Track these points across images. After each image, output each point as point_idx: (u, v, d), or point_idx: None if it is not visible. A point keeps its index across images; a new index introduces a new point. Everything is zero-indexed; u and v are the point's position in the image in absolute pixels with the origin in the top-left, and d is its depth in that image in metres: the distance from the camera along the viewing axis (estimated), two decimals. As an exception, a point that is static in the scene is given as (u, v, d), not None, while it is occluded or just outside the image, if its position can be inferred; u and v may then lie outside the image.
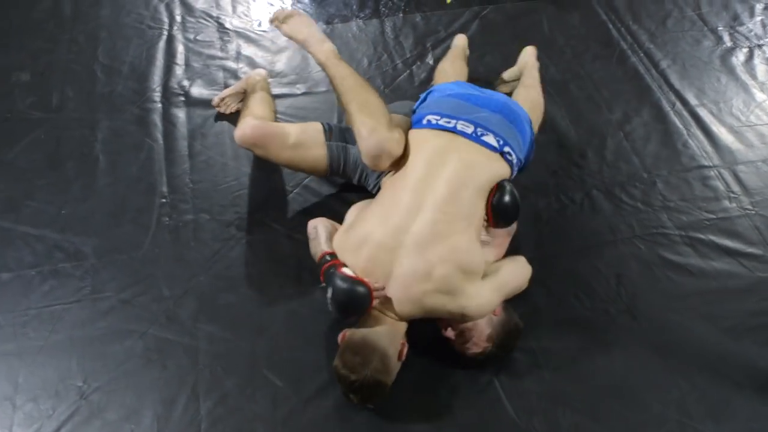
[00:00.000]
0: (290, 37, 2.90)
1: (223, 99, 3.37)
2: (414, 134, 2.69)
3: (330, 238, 2.58)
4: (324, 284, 2.43)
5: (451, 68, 3.36)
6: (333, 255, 2.48)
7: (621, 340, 2.68)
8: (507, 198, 2.56)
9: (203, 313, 2.72)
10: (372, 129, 2.58)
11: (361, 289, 2.34)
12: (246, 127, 2.81)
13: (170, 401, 2.49)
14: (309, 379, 2.55)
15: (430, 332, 2.57)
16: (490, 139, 2.62)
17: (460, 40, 3.61)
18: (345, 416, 2.46)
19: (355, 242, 2.48)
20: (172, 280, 2.81)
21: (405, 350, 2.44)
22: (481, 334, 2.46)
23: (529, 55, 3.47)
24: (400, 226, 2.43)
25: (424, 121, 2.68)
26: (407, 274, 2.39)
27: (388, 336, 2.39)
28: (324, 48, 2.82)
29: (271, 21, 2.93)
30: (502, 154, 2.63)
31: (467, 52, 3.59)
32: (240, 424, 2.45)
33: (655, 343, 2.67)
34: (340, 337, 2.47)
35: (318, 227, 2.63)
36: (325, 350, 2.61)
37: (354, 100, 2.68)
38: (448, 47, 3.67)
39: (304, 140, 2.82)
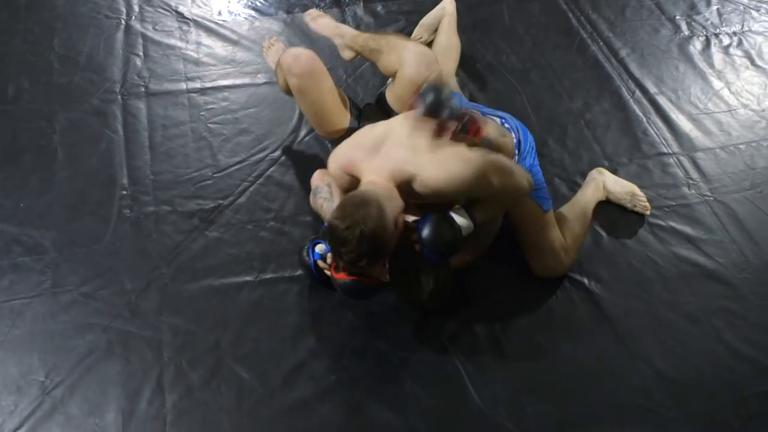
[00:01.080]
0: (319, 33, 3.28)
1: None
2: None
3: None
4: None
5: (449, 44, 3.45)
6: None
7: (584, 328, 2.70)
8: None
9: (166, 306, 2.69)
10: (414, 44, 2.78)
11: None
12: (302, 54, 2.85)
13: (135, 395, 2.46)
14: (274, 371, 2.54)
15: (393, 318, 2.57)
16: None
17: (451, 6, 3.56)
18: (311, 407, 2.46)
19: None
20: (134, 272, 2.78)
21: (402, 220, 2.40)
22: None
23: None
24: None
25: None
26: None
27: (386, 195, 2.36)
28: (346, 36, 3.09)
29: (305, 17, 3.32)
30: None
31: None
32: (205, 416, 2.43)
33: (618, 330, 2.70)
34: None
35: (332, 186, 2.56)
36: (291, 341, 2.61)
37: (387, 46, 2.81)
38: (410, 35, 3.68)
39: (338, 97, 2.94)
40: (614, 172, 3.15)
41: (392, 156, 2.44)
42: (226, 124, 3.30)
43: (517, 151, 2.76)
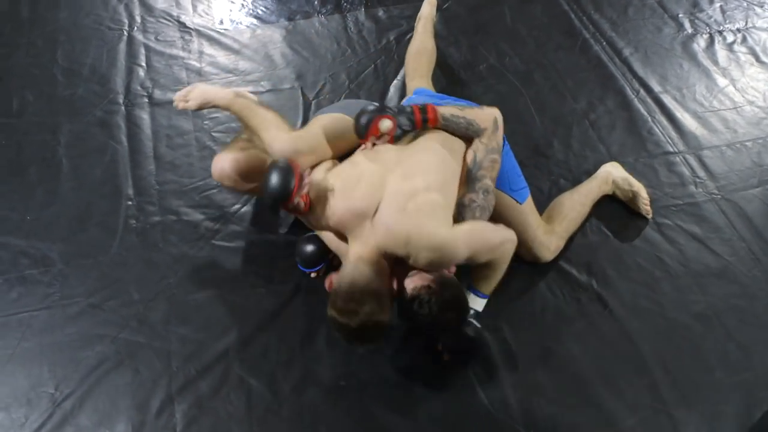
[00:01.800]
0: (200, 107, 2.73)
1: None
2: None
3: None
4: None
5: (422, 48, 3.43)
6: None
7: (593, 328, 2.70)
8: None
9: (174, 316, 2.69)
10: (276, 134, 2.55)
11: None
12: (215, 169, 2.74)
13: (144, 405, 2.47)
14: (283, 378, 2.54)
15: (401, 323, 2.57)
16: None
17: (427, 9, 3.60)
18: (320, 413, 2.46)
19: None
20: (142, 283, 2.78)
21: (394, 286, 2.41)
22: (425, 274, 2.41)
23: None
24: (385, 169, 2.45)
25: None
26: (395, 193, 2.39)
27: (375, 274, 2.34)
28: (226, 93, 2.70)
29: (176, 107, 2.75)
30: None
31: (435, 20, 3.61)
32: (215, 425, 2.43)
33: (627, 330, 2.69)
34: (327, 283, 2.52)
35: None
36: (298, 348, 2.61)
37: (258, 120, 2.61)
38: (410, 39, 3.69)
39: None
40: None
41: (381, 221, 2.38)
42: (230, 133, 3.30)
43: None
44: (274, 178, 2.30)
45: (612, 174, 3.05)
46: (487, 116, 2.59)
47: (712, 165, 3.23)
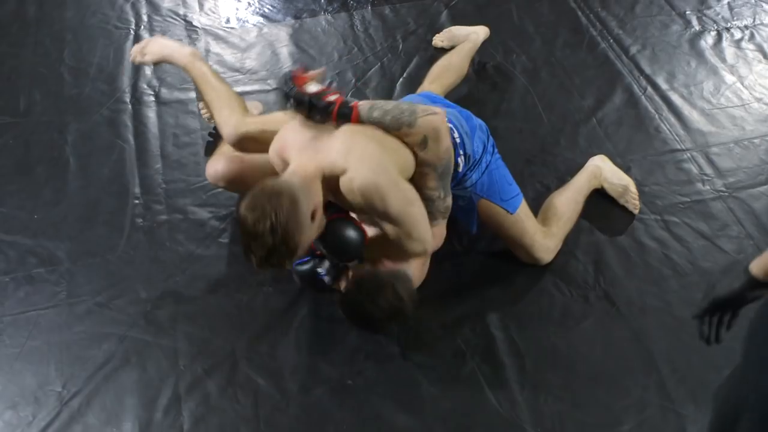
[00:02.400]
0: (157, 62, 2.79)
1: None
2: None
3: None
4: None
5: (457, 67, 3.35)
6: None
7: (600, 327, 2.69)
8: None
9: (181, 314, 2.70)
10: (227, 117, 2.55)
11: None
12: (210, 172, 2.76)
13: (151, 403, 2.47)
14: (291, 377, 2.53)
15: (408, 321, 2.56)
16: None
17: (481, 36, 3.56)
18: (328, 412, 2.46)
19: None
20: (149, 281, 2.79)
21: (319, 215, 2.23)
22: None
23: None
24: None
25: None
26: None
27: (302, 186, 2.18)
28: (185, 52, 2.72)
29: (133, 60, 2.82)
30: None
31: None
32: (222, 424, 2.43)
33: (634, 329, 2.68)
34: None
35: None
36: (306, 347, 2.61)
37: (213, 95, 2.62)
38: (418, 38, 3.69)
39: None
40: (628, 170, 3.14)
41: (326, 147, 2.27)
42: (237, 131, 3.30)
43: (461, 152, 2.55)
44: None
45: (601, 168, 3.04)
46: (433, 121, 2.34)
47: (719, 162, 3.22)
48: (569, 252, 2.88)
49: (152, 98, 3.45)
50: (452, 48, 3.48)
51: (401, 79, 3.55)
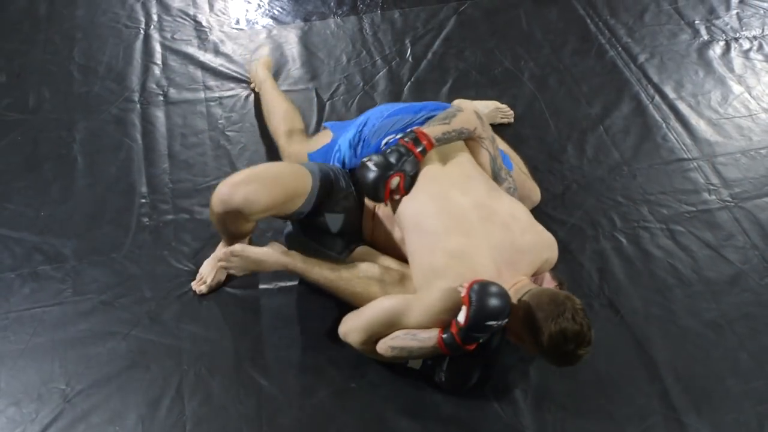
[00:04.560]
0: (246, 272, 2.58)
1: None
2: None
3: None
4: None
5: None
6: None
7: (604, 335, 2.67)
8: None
9: (186, 314, 2.70)
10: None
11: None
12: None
13: (155, 403, 2.47)
14: (294, 378, 2.54)
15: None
16: None
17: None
18: (330, 414, 2.46)
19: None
20: (154, 280, 2.79)
21: None
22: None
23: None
24: (460, 227, 2.39)
25: (382, 147, 2.62)
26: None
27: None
28: (281, 261, 2.53)
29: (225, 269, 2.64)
30: None
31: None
32: (225, 424, 2.43)
33: (638, 337, 2.68)
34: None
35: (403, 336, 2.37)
36: (310, 349, 2.61)
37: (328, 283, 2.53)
38: (427, 43, 3.71)
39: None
40: (634, 178, 3.15)
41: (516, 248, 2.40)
42: (244, 132, 3.31)
43: None
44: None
45: (472, 107, 2.88)
46: (469, 116, 2.59)
47: (726, 172, 3.22)
48: (574, 259, 2.88)
49: (161, 98, 3.45)
50: None
51: (409, 84, 3.56)
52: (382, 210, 2.60)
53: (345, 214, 2.61)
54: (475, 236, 2.37)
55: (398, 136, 2.54)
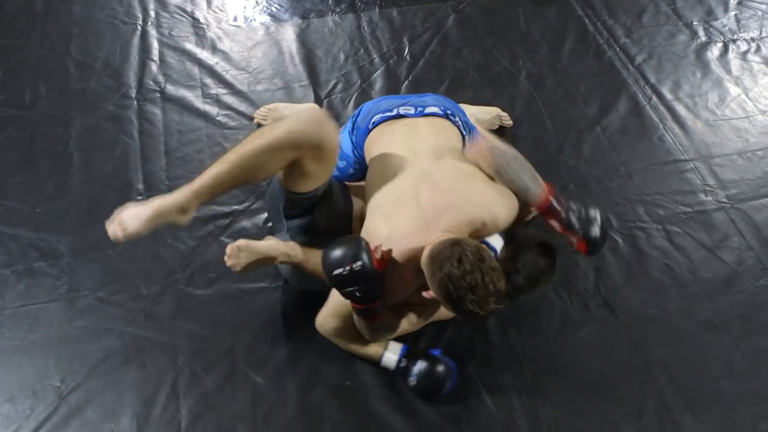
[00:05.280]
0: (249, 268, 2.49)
1: None
2: (369, 140, 2.66)
3: None
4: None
5: None
6: None
7: (599, 335, 2.69)
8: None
9: (181, 311, 2.70)
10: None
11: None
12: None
13: (150, 400, 2.47)
14: (289, 376, 2.54)
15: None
16: (432, 110, 2.65)
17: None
18: (325, 413, 2.46)
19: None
20: (149, 278, 2.79)
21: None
22: None
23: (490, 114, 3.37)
24: (418, 210, 2.34)
25: (371, 126, 2.66)
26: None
27: None
28: (283, 249, 2.50)
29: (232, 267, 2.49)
30: (447, 117, 2.66)
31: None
32: (220, 422, 2.44)
33: (633, 337, 2.69)
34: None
35: None
36: (305, 347, 2.61)
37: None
38: (425, 41, 3.71)
39: None
40: (630, 179, 3.15)
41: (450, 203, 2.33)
42: (241, 130, 3.30)
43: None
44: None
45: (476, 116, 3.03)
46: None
47: (722, 174, 3.23)
48: (570, 259, 2.88)
49: (157, 94, 3.45)
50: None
51: (406, 82, 3.56)
52: None
53: (337, 217, 2.62)
54: (405, 199, 2.35)
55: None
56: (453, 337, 2.65)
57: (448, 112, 2.68)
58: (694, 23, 3.97)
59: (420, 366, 2.45)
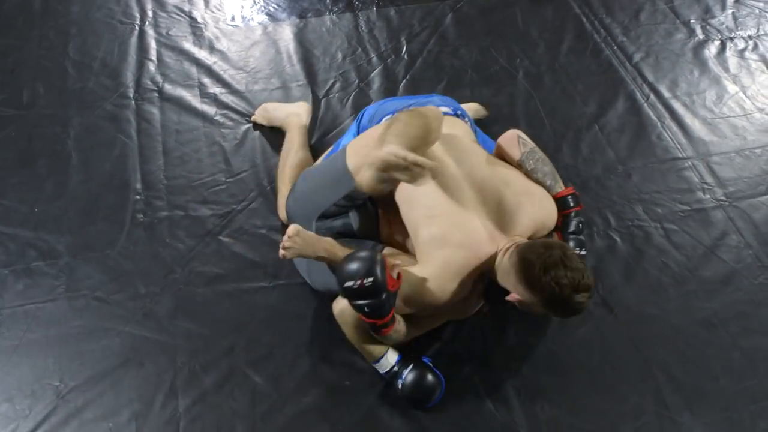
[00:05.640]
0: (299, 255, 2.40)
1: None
2: None
3: None
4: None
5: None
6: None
7: (598, 333, 2.69)
8: None
9: (180, 310, 2.70)
10: None
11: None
12: None
13: (148, 399, 2.47)
14: (288, 375, 2.54)
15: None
16: (443, 110, 2.66)
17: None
18: (324, 412, 2.46)
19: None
20: (148, 277, 2.79)
21: None
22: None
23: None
24: (453, 196, 2.39)
25: None
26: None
27: None
28: (323, 243, 2.41)
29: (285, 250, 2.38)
30: (458, 116, 2.72)
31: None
32: (219, 421, 2.44)
33: (632, 336, 2.69)
34: None
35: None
36: (304, 346, 2.61)
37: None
38: (422, 40, 3.71)
39: None
40: (629, 177, 3.15)
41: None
42: (239, 129, 3.30)
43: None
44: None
45: None
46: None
47: (720, 172, 3.23)
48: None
49: (155, 94, 3.45)
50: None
51: (404, 81, 3.56)
52: (398, 217, 2.57)
53: (369, 219, 2.63)
54: (466, 204, 2.37)
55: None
56: (451, 337, 2.65)
57: (458, 112, 2.70)
58: (692, 21, 3.97)
59: (411, 375, 2.45)
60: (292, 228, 2.34)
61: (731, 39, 3.87)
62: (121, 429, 2.41)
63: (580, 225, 2.57)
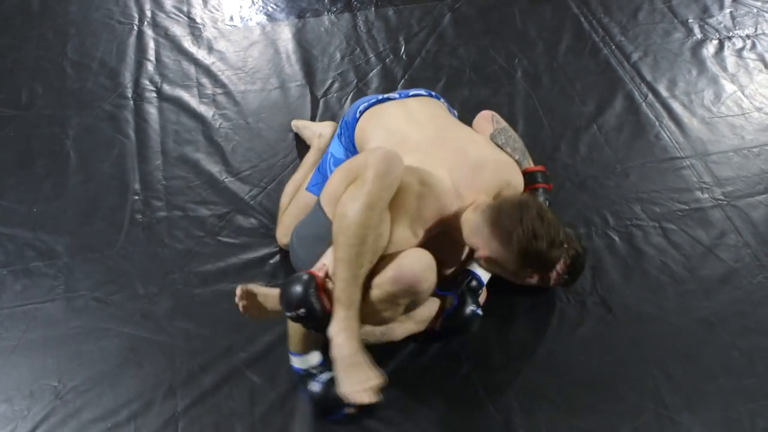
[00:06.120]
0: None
1: None
2: (360, 127, 2.69)
3: None
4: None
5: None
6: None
7: (597, 333, 2.69)
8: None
9: (179, 311, 2.70)
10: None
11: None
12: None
13: (147, 400, 2.47)
14: (286, 375, 2.53)
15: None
16: (416, 92, 2.79)
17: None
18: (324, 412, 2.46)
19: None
20: (147, 277, 2.79)
21: None
22: None
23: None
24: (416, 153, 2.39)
25: (358, 114, 2.71)
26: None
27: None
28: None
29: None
30: (431, 96, 2.81)
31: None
32: (218, 421, 2.43)
33: (631, 335, 2.68)
34: None
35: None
36: (303, 346, 2.61)
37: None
38: (421, 40, 3.71)
39: None
40: (627, 177, 3.16)
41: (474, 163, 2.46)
42: (237, 129, 3.31)
43: None
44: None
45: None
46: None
47: (718, 171, 3.23)
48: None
49: (154, 94, 3.45)
50: None
51: (402, 81, 3.56)
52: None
53: None
54: (432, 158, 2.39)
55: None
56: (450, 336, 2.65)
57: (432, 93, 2.82)
58: (690, 21, 3.97)
59: (329, 380, 2.38)
60: (238, 290, 2.31)
61: (729, 38, 3.88)
62: (119, 429, 2.40)
63: (547, 202, 2.60)
